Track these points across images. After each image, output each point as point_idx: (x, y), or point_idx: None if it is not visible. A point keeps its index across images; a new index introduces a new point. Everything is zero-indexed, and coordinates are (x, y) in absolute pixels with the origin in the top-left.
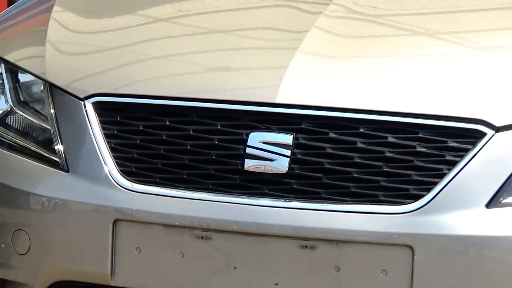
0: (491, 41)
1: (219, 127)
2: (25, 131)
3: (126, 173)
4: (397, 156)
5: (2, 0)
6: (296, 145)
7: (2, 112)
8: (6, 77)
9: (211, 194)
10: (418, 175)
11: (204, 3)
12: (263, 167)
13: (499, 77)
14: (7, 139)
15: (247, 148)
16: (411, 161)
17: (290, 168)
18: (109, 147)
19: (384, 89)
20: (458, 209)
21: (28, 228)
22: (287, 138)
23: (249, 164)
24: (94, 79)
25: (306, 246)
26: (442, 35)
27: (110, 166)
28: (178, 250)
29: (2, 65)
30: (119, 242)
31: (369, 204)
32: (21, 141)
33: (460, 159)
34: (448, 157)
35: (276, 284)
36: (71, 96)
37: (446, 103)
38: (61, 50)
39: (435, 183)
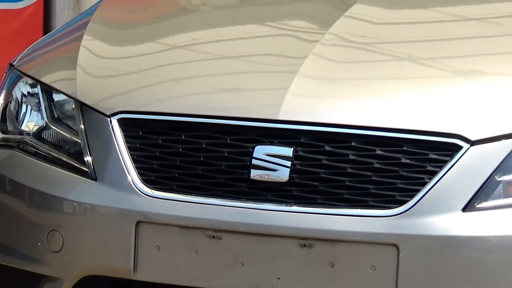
0: (466, 66)
1: (228, 141)
2: (58, 144)
3: (147, 181)
4: (384, 166)
5: (38, 29)
6: (295, 157)
7: (39, 128)
8: (42, 97)
9: (221, 199)
10: (402, 183)
11: (214, 33)
12: (266, 176)
13: (474, 97)
14: (42, 151)
15: (253, 159)
16: (397, 171)
17: (290, 177)
18: (132, 158)
19: (373, 107)
20: (438, 213)
21: (61, 229)
22: (288, 151)
23: (254, 174)
24: (119, 99)
25: (305, 245)
26: (423, 61)
27: (133, 175)
28: (193, 248)
29: (39, 86)
30: (141, 241)
31: (360, 208)
32: (54, 153)
33: (439, 169)
34: (429, 168)
35: (278, 278)
36: (98, 113)
37: (427, 120)
38: (90, 73)
39: (418, 190)
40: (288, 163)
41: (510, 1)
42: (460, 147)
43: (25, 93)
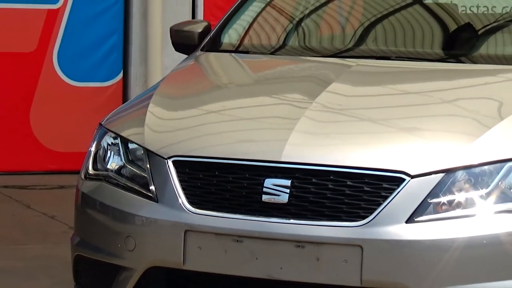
0: (407, 124)
1: (246, 175)
2: (132, 178)
3: (192, 202)
4: (353, 192)
5: (119, 99)
6: (292, 186)
7: (119, 167)
8: (121, 146)
9: (243, 215)
10: (365, 203)
11: (237, 102)
12: (273, 199)
13: (413, 145)
14: (121, 183)
15: (263, 188)
16: (361, 196)
17: (289, 200)
18: (182, 187)
19: (345, 152)
20: (389, 224)
21: (134, 235)
22: (287, 182)
23: (264, 198)
24: (173, 147)
25: (299, 246)
26: (379, 121)
27: (182, 198)
28: (223, 248)
29: (119, 138)
30: (188, 243)
31: (336, 221)
32: (129, 184)
33: (390, 194)
34: (382, 193)
35: (281, 268)
36: (159, 157)
37: (381, 160)
38: (153, 130)
39: (375, 209)
40: (287, 190)
41: (436, 81)
42: (404, 179)
43: (110, 143)
